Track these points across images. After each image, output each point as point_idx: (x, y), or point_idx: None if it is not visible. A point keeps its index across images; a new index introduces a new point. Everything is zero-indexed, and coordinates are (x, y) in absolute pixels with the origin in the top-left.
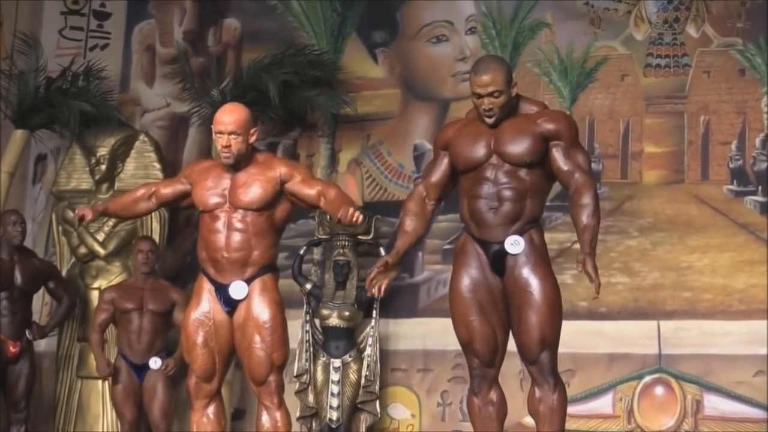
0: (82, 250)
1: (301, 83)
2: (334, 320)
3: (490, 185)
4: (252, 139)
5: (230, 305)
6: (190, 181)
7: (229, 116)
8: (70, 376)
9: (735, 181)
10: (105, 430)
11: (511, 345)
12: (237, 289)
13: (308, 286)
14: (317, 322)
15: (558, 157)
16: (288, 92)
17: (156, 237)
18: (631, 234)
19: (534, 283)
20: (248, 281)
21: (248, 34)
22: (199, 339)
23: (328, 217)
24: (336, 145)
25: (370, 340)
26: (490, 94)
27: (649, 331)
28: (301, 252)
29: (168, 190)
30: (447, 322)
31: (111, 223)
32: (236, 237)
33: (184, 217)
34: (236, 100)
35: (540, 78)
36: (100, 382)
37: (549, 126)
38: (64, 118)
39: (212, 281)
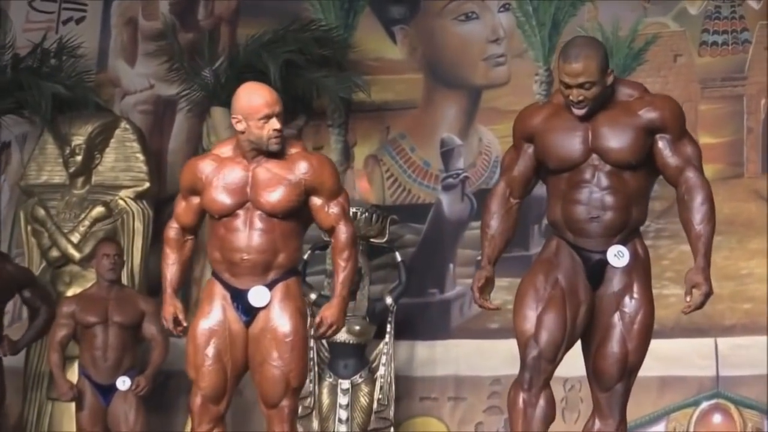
0: (55, 253)
1: (307, 63)
2: (342, 335)
3: (591, 190)
4: None
5: (249, 314)
6: (198, 187)
7: (273, 94)
8: (39, 397)
9: None
10: None
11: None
12: (258, 295)
13: (313, 296)
14: None
15: (664, 151)
16: (291, 74)
17: (139, 239)
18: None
19: (631, 304)
20: (269, 286)
21: (245, 6)
22: (211, 352)
23: None
24: (349, 138)
25: (383, 359)
26: (581, 86)
27: (706, 349)
28: (306, 257)
29: (192, 218)
30: (483, 345)
31: (87, 222)
32: (260, 237)
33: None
34: (231, 82)
35: None
36: (74, 404)
37: (652, 116)
38: (34, 101)
39: (227, 286)
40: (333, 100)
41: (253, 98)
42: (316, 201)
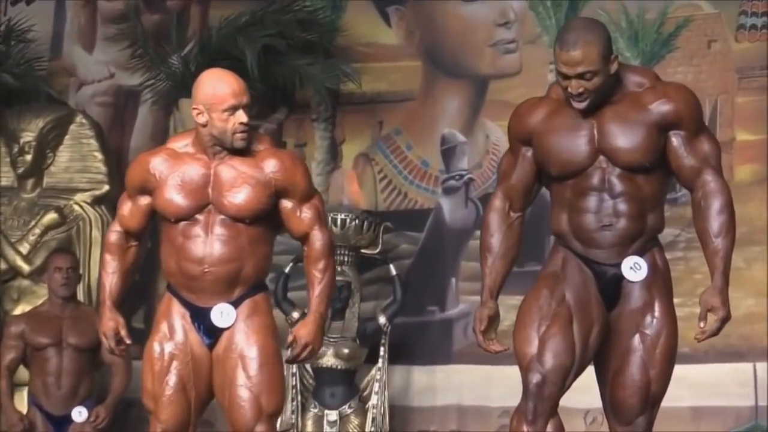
0: (2, 265)
1: (288, 49)
2: (329, 360)
3: (601, 197)
4: None
5: (212, 336)
6: (150, 187)
7: (239, 83)
8: None
9: None
10: None
11: (574, 399)
12: (222, 314)
13: (295, 314)
14: (307, 362)
15: (679, 150)
16: (270, 61)
17: (97, 249)
18: None
19: (653, 324)
20: (235, 303)
21: None
22: (172, 379)
23: None
24: (337, 134)
25: (376, 386)
26: (580, 76)
27: (743, 376)
28: (287, 270)
29: (139, 222)
30: (490, 371)
31: (38, 230)
32: (223, 246)
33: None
34: (202, 70)
35: None
36: None
37: (665, 109)
38: None
39: (186, 303)
40: (318, 90)
41: (218, 87)
42: (287, 204)
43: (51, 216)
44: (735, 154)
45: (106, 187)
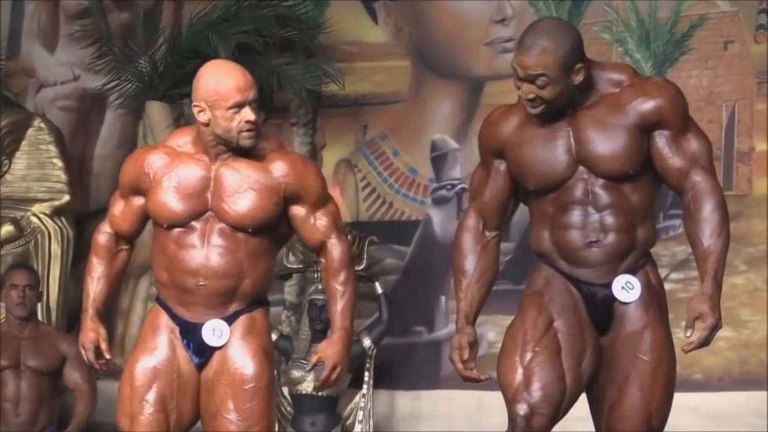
0: None
1: (266, 48)
2: (309, 385)
3: (585, 210)
4: None
5: (202, 355)
6: (143, 186)
7: (245, 78)
8: None
9: None
10: None
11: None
12: (214, 332)
13: (273, 336)
14: (285, 388)
15: (663, 151)
16: (246, 60)
17: (57, 264)
18: (738, 268)
19: (652, 350)
20: (230, 319)
21: None
22: (153, 397)
23: None
24: (318, 139)
25: (360, 415)
26: (531, 79)
27: (760, 405)
28: None
29: (131, 224)
30: (483, 396)
31: None
32: (221, 257)
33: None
34: (174, 70)
35: (612, 47)
36: None
37: (645, 108)
38: None
39: (175, 318)
40: (298, 92)
41: (222, 81)
42: (300, 211)
43: (6, 228)
44: (754, 165)
45: (67, 197)
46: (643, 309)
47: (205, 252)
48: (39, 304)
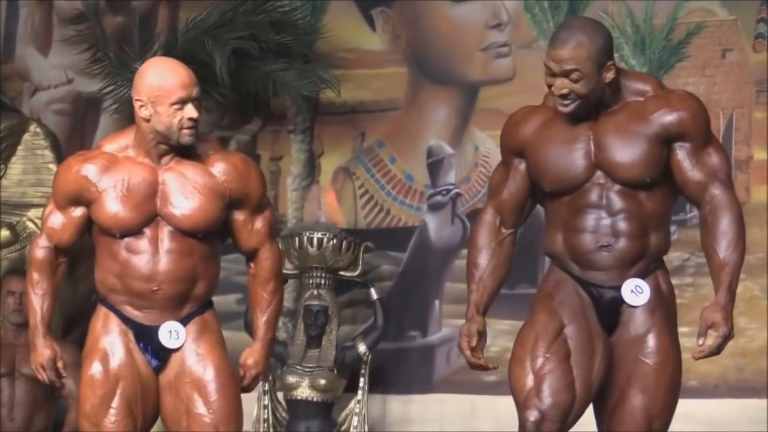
0: None
1: (262, 54)
2: (304, 391)
3: (598, 215)
4: None
5: (161, 357)
6: (87, 197)
7: (188, 74)
8: None
9: None
10: None
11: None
12: (171, 335)
13: None
14: (280, 394)
15: (684, 164)
16: (242, 66)
17: None
18: None
19: (656, 353)
20: (183, 321)
21: None
22: (118, 402)
23: (296, 242)
24: (315, 146)
25: (355, 420)
26: (565, 74)
27: (757, 413)
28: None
29: (71, 236)
30: (475, 400)
31: None
32: (174, 262)
33: (89, 239)
34: None
35: None
36: None
37: (668, 120)
38: None
39: (127, 321)
40: (294, 99)
41: (165, 77)
42: (239, 216)
43: (2, 233)
44: (752, 173)
45: None
46: (649, 313)
47: (158, 257)
48: None
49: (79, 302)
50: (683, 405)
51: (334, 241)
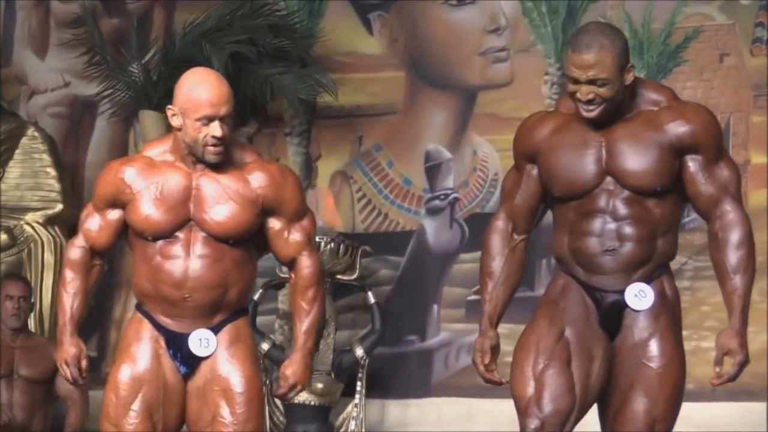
0: None
1: (259, 57)
2: (301, 395)
3: (605, 219)
4: None
5: (190, 365)
6: (123, 200)
7: (219, 92)
8: None
9: None
10: None
11: None
12: (201, 343)
13: (265, 345)
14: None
15: (696, 177)
16: (240, 69)
17: (50, 274)
18: None
19: (660, 357)
20: (216, 329)
21: None
22: (139, 405)
23: None
24: (312, 149)
25: (352, 424)
26: (592, 81)
27: (755, 416)
28: (256, 297)
29: (108, 238)
30: (472, 404)
31: None
32: (206, 268)
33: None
34: (167, 79)
35: None
36: None
37: (682, 132)
38: None
39: (160, 328)
40: (292, 103)
41: (197, 91)
42: (275, 224)
43: (0, 237)
44: (749, 177)
45: (60, 206)
46: (653, 317)
47: (190, 262)
48: (31, 314)
49: None
50: (681, 408)
51: (332, 245)
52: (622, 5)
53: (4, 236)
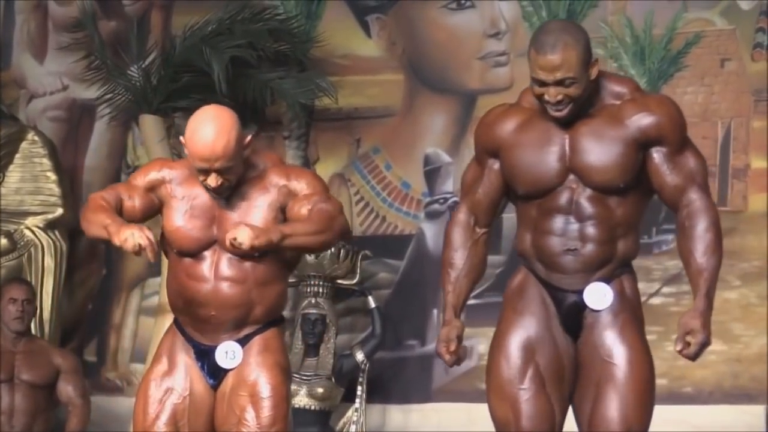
0: None
1: (259, 61)
2: (302, 399)
3: (567, 219)
4: (246, 151)
5: (217, 377)
6: (161, 192)
7: (213, 147)
8: None
9: None
10: None
11: None
12: (227, 355)
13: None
14: None
15: (661, 168)
16: (239, 73)
17: (50, 278)
18: (731, 283)
19: (621, 353)
20: (242, 342)
21: None
22: (165, 415)
23: None
24: (311, 152)
25: (353, 429)
26: (559, 82)
27: (753, 419)
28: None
29: (136, 216)
30: (472, 408)
31: None
32: (229, 289)
33: (86, 245)
34: (167, 83)
35: (606, 62)
36: None
37: (645, 124)
38: None
39: (190, 340)
40: (291, 106)
41: (194, 139)
42: (291, 207)
43: (0, 242)
44: (749, 182)
45: (60, 211)
46: (612, 315)
47: (214, 284)
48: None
49: (76, 310)
50: (679, 411)
51: (332, 249)
52: (623, 11)
53: (4, 241)
